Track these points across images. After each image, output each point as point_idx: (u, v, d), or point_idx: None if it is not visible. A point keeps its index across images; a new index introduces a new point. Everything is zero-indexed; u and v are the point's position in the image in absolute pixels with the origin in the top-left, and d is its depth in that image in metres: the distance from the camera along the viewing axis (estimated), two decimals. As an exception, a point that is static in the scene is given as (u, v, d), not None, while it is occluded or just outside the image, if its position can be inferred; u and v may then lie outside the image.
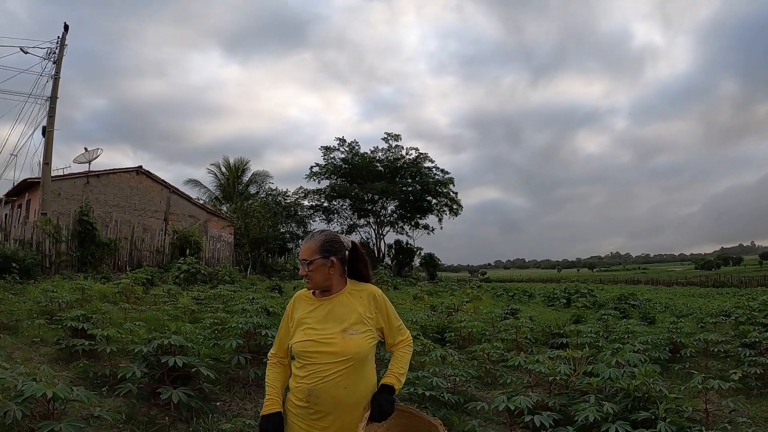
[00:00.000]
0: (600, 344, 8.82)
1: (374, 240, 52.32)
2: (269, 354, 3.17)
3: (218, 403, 6.50)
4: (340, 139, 51.91)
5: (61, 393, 3.84)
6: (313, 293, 3.07)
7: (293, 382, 2.99)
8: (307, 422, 2.91)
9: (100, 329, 7.44)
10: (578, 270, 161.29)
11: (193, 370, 6.16)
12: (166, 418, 5.81)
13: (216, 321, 8.68)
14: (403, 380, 3.06)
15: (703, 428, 4.91)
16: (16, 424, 4.02)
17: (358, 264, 3.12)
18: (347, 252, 3.08)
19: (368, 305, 3.02)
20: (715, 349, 9.07)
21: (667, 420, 4.73)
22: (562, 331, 10.97)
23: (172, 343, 6.08)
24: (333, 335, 2.88)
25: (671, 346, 9.45)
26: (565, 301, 21.97)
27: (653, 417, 4.88)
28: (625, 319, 13.35)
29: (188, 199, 30.89)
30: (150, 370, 6.20)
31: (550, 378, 6.44)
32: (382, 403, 2.88)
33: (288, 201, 48.54)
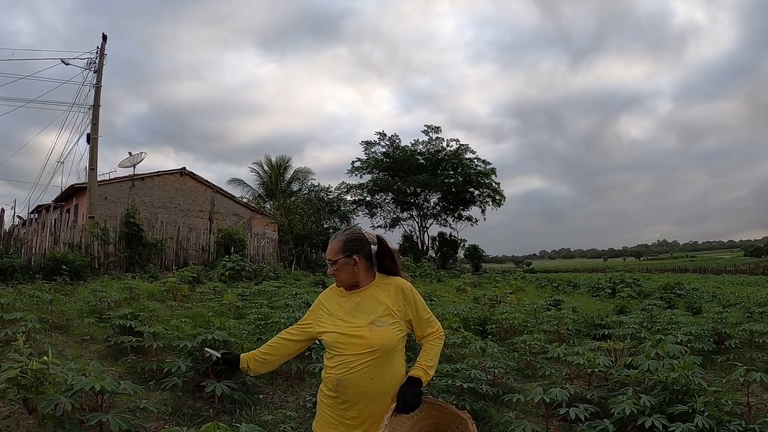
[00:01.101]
0: (642, 335, 8.71)
1: (418, 233, 52.24)
2: (293, 326, 3.30)
3: (260, 396, 6.65)
4: (380, 134, 51.93)
5: (109, 386, 3.99)
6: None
7: (324, 373, 3.09)
8: (336, 412, 3.00)
9: (147, 326, 7.63)
10: (624, 259, 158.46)
11: (236, 363, 6.26)
12: (210, 410, 5.96)
13: (259, 316, 8.82)
14: (432, 372, 3.07)
15: (744, 422, 4.81)
16: (66, 416, 4.16)
17: (384, 258, 3.16)
18: (373, 247, 3.12)
19: (396, 298, 3.07)
20: (761, 340, 8.77)
21: (706, 414, 4.67)
22: (604, 322, 10.85)
23: (216, 338, 6.25)
24: (361, 327, 2.95)
25: (715, 336, 9.25)
26: (610, 291, 21.62)
27: (691, 410, 4.83)
28: (670, 309, 13.10)
29: (232, 198, 31.31)
30: (195, 364, 6.38)
31: (589, 370, 6.40)
32: (408, 395, 2.90)
33: (331, 196, 48.71)
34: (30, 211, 21.35)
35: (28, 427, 4.88)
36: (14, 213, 18.29)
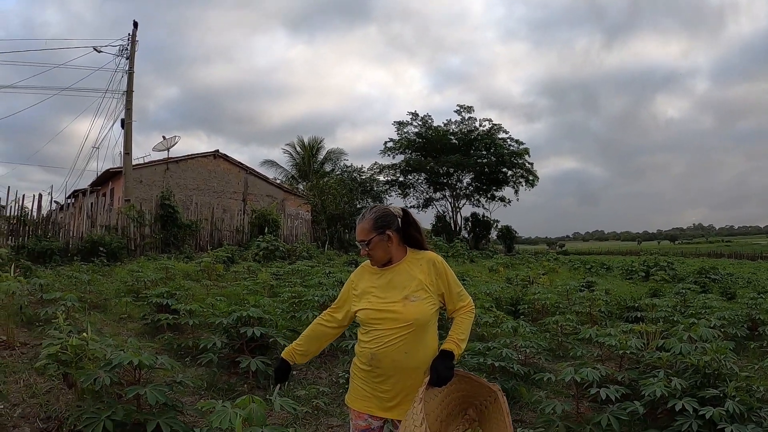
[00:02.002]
0: (675, 319, 8.63)
1: (450, 213, 51.99)
2: (329, 309, 3.30)
3: (294, 372, 6.72)
4: (412, 114, 51.55)
5: (147, 361, 4.08)
6: None
7: (358, 347, 3.13)
8: (370, 385, 3.04)
9: (183, 304, 7.76)
10: (659, 242, 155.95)
11: (271, 340, 6.40)
12: (245, 385, 6.07)
13: (293, 295, 8.91)
14: (464, 346, 3.09)
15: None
16: (105, 390, 4.27)
17: (409, 230, 3.16)
18: (399, 220, 3.14)
19: (428, 272, 3.08)
20: (796, 327, 8.58)
21: (737, 399, 4.63)
22: (637, 305, 10.77)
23: (251, 315, 6.34)
24: (395, 302, 2.98)
25: (749, 323, 9.13)
26: (643, 274, 21.42)
27: (722, 395, 4.79)
28: (704, 294, 12.93)
29: (265, 179, 31.48)
30: (230, 341, 6.50)
31: (621, 352, 6.37)
32: (440, 368, 2.92)
33: (363, 177, 48.71)
34: (66, 196, 21.72)
35: (68, 401, 5.02)
36: (51, 198, 18.68)
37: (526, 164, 50.68)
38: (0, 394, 4.32)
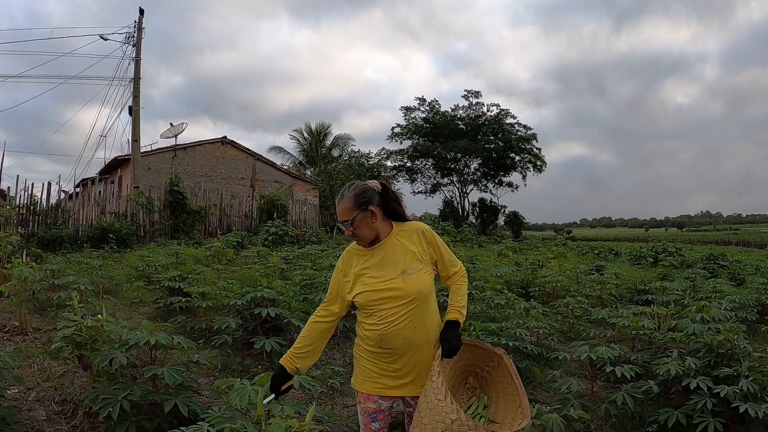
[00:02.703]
0: (686, 302, 8.61)
1: (458, 198, 52.00)
2: (319, 308, 3.17)
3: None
4: (420, 99, 51.46)
5: (164, 341, 4.08)
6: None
7: (361, 330, 3.07)
8: (380, 366, 3.00)
9: (195, 287, 7.77)
10: (666, 229, 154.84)
11: (285, 321, 6.40)
12: (259, 366, 6.10)
13: (305, 277, 8.93)
14: (465, 312, 3.06)
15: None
16: (120, 371, 4.28)
17: (390, 203, 3.06)
18: (379, 195, 3.04)
19: (419, 242, 3.03)
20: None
21: (750, 378, 4.62)
22: (647, 288, 10.74)
23: (265, 296, 6.33)
24: (393, 279, 2.92)
25: (759, 307, 9.11)
26: (652, 260, 21.33)
27: (735, 374, 4.78)
28: (713, 279, 12.90)
29: (273, 165, 31.52)
30: (243, 322, 6.50)
31: (633, 333, 6.38)
32: (452, 339, 2.91)
33: (371, 162, 48.73)
34: (75, 185, 21.81)
35: (82, 384, 5.05)
36: (59, 188, 18.74)
37: (534, 149, 50.62)
38: (16, 378, 4.33)
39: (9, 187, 16.58)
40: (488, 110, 50.67)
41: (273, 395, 3.02)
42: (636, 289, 11.02)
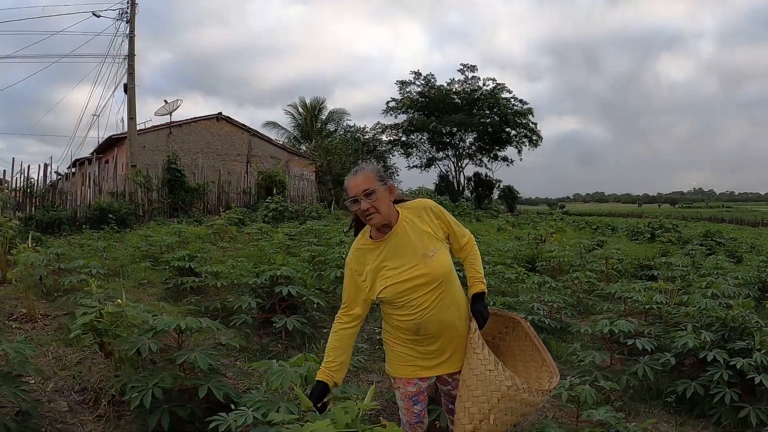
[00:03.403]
0: (690, 278, 8.72)
1: (453, 173, 52.07)
2: (339, 314, 3.03)
3: (325, 330, 6.72)
4: (415, 73, 51.31)
5: (193, 324, 4.00)
6: (370, 236, 2.97)
7: (391, 321, 3.00)
8: (416, 350, 2.97)
9: (207, 266, 7.72)
10: (659, 205, 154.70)
11: (304, 299, 6.39)
12: (278, 345, 6.07)
13: (314, 254, 8.90)
14: (485, 280, 3.07)
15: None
16: (150, 357, 4.24)
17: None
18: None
19: (429, 219, 2.96)
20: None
21: (763, 351, 4.74)
22: (651, 264, 10.80)
23: (284, 274, 6.30)
24: (416, 265, 2.83)
25: (760, 284, 9.19)
26: (649, 236, 21.53)
27: (749, 347, 4.91)
28: (712, 256, 13.00)
29: (269, 140, 31.32)
30: (260, 301, 6.46)
31: (647, 306, 6.42)
32: (482, 311, 2.93)
33: (366, 137, 48.54)
34: (68, 166, 21.64)
35: (100, 371, 4.94)
36: (51, 169, 18.52)
37: (530, 124, 50.54)
38: (37, 370, 4.24)
39: (5, 170, 16.36)
40: (484, 84, 50.60)
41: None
42: (639, 265, 11.07)
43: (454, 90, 50.72)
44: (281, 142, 37.24)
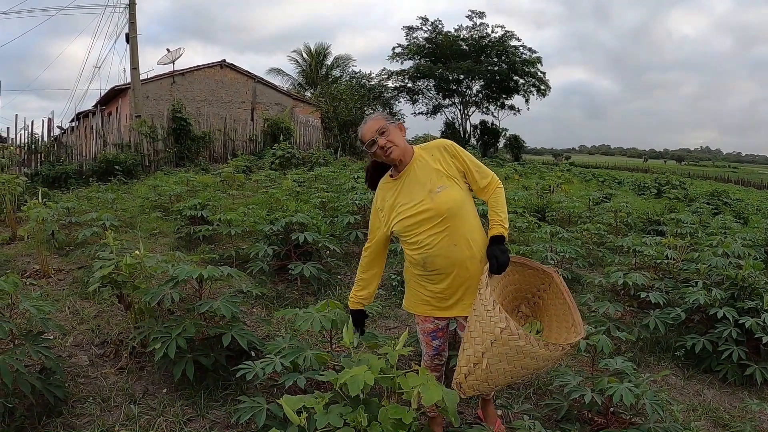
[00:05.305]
0: (699, 235, 8.78)
1: (460, 120, 51.57)
2: (364, 247, 3.27)
3: (339, 276, 6.85)
4: (422, 18, 50.29)
5: (215, 273, 4.03)
6: (390, 175, 3.15)
7: (407, 255, 3.14)
8: (428, 288, 3.08)
9: (219, 214, 7.71)
10: (665, 161, 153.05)
11: (318, 245, 6.47)
12: (294, 292, 6.14)
13: (324, 200, 8.91)
14: (507, 225, 3.05)
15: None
16: (170, 307, 4.29)
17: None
18: None
19: (442, 158, 3.05)
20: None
21: None
22: (659, 219, 10.81)
23: (299, 221, 6.35)
24: (422, 201, 2.95)
25: (767, 247, 9.19)
26: (655, 191, 21.41)
27: (757, 308, 5.01)
28: (719, 216, 12.90)
29: (274, 87, 31.00)
30: (275, 248, 6.49)
31: (658, 261, 6.46)
32: (498, 254, 2.89)
33: (372, 83, 47.99)
34: (70, 120, 21.46)
35: (119, 323, 5.01)
36: (54, 124, 18.34)
37: (539, 73, 49.74)
38: (58, 326, 4.23)
39: (8, 128, 16.30)
40: (493, 31, 49.60)
41: (357, 332, 3.20)
42: (648, 219, 11.07)
43: (461, 37, 49.85)
44: (286, 89, 36.90)
